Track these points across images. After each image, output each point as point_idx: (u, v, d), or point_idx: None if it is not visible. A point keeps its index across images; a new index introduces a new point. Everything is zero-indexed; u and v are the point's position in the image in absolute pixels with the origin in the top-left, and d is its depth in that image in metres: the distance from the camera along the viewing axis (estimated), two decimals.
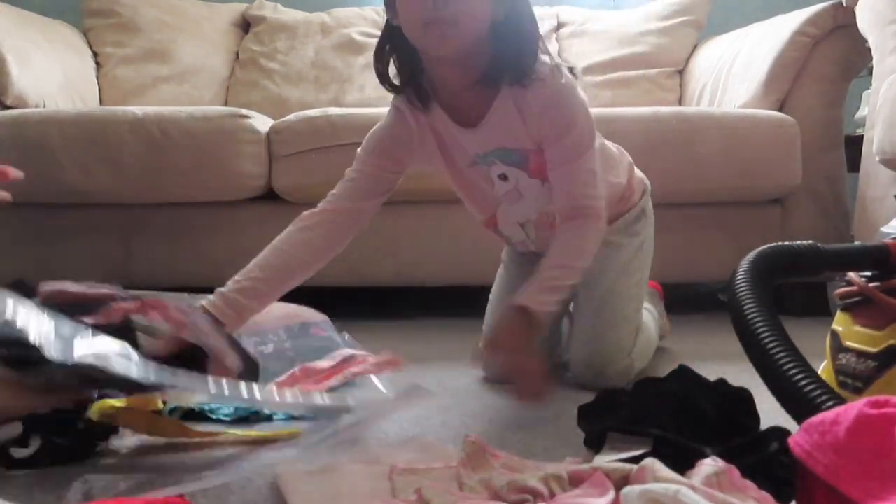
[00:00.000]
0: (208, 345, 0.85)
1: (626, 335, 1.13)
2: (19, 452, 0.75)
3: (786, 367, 0.71)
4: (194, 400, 0.87)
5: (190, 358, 0.83)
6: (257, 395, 0.81)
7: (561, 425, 0.89)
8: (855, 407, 0.54)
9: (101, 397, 0.82)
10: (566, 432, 0.84)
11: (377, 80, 1.05)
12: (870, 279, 0.84)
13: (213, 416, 0.93)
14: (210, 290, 1.27)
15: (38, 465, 0.75)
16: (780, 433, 0.68)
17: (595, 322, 1.13)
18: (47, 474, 0.75)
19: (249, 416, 0.94)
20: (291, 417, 0.95)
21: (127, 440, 0.85)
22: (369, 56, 2.33)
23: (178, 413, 0.92)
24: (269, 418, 0.94)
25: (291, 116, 1.66)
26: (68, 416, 0.79)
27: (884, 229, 0.92)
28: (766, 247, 0.85)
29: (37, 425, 0.76)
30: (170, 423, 0.88)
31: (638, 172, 1.20)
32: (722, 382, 0.81)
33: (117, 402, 0.81)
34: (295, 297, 1.27)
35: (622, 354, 1.12)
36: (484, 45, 0.95)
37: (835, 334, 0.86)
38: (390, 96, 1.08)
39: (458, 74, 0.98)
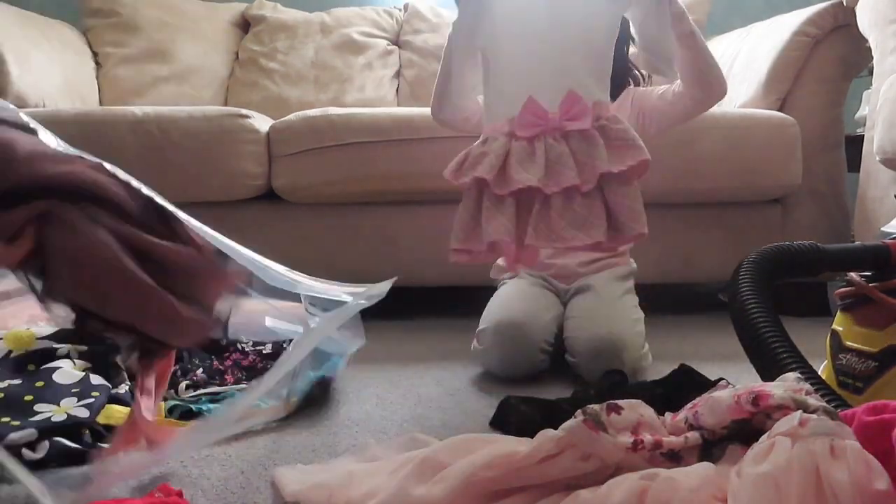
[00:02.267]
0: None
1: (639, 329, 1.19)
2: (30, 455, 0.75)
3: (786, 368, 0.71)
4: None
5: None
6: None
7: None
8: (853, 415, 0.54)
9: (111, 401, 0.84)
10: None
11: (377, 80, 1.09)
12: (870, 279, 0.84)
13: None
14: None
15: (47, 467, 0.75)
16: None
17: (610, 311, 1.18)
18: (54, 476, 0.75)
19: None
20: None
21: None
22: (369, 56, 2.37)
23: (176, 413, 0.93)
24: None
25: (291, 116, 1.66)
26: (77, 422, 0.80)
27: (884, 229, 0.92)
28: (766, 247, 0.85)
29: (47, 431, 0.77)
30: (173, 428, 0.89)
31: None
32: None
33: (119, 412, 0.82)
34: (294, 297, 1.27)
35: (639, 341, 1.17)
36: None
37: (835, 334, 0.86)
38: (389, 96, 1.11)
39: None
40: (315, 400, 1.02)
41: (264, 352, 1.12)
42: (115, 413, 0.84)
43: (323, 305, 0.88)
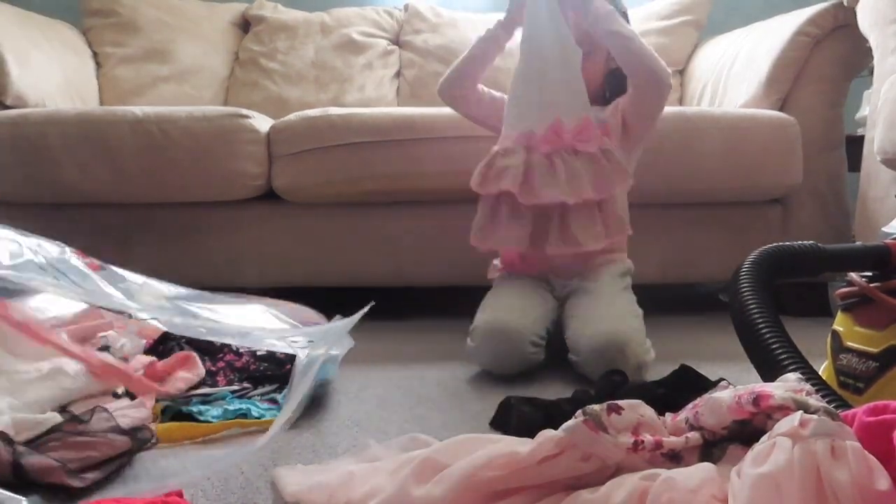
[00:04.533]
0: None
1: (639, 324, 1.19)
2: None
3: (786, 368, 0.71)
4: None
5: None
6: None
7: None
8: (853, 415, 0.54)
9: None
10: None
11: (377, 80, 1.13)
12: (870, 279, 0.83)
13: (202, 418, 0.92)
14: (210, 290, 1.27)
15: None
16: None
17: (610, 308, 1.19)
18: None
19: (237, 417, 0.94)
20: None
21: None
22: (369, 56, 2.37)
23: (167, 415, 0.93)
24: (257, 419, 0.94)
25: (291, 116, 1.65)
26: None
27: (885, 229, 0.92)
28: (766, 247, 0.85)
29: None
30: (175, 428, 0.90)
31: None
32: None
33: None
34: (295, 296, 1.27)
35: (641, 335, 1.17)
36: (600, 85, 1.36)
37: (836, 334, 0.86)
38: (389, 96, 1.13)
39: None
40: (316, 400, 1.02)
41: (258, 353, 1.11)
42: None
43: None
